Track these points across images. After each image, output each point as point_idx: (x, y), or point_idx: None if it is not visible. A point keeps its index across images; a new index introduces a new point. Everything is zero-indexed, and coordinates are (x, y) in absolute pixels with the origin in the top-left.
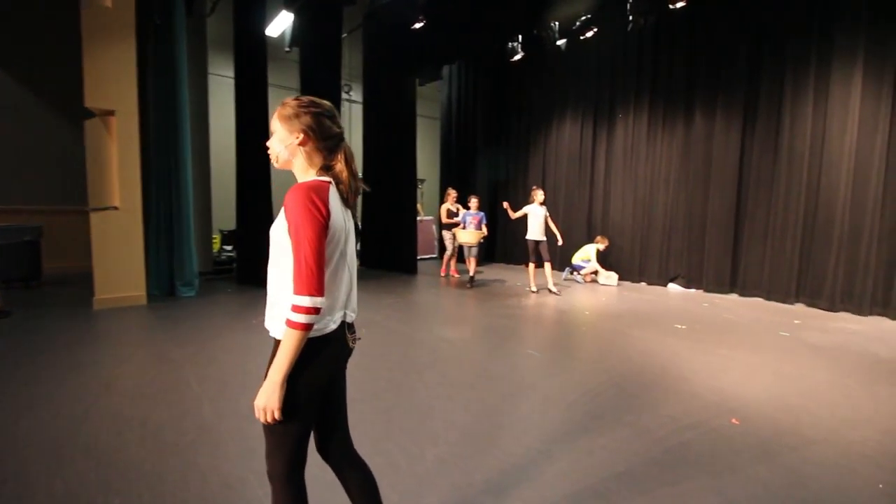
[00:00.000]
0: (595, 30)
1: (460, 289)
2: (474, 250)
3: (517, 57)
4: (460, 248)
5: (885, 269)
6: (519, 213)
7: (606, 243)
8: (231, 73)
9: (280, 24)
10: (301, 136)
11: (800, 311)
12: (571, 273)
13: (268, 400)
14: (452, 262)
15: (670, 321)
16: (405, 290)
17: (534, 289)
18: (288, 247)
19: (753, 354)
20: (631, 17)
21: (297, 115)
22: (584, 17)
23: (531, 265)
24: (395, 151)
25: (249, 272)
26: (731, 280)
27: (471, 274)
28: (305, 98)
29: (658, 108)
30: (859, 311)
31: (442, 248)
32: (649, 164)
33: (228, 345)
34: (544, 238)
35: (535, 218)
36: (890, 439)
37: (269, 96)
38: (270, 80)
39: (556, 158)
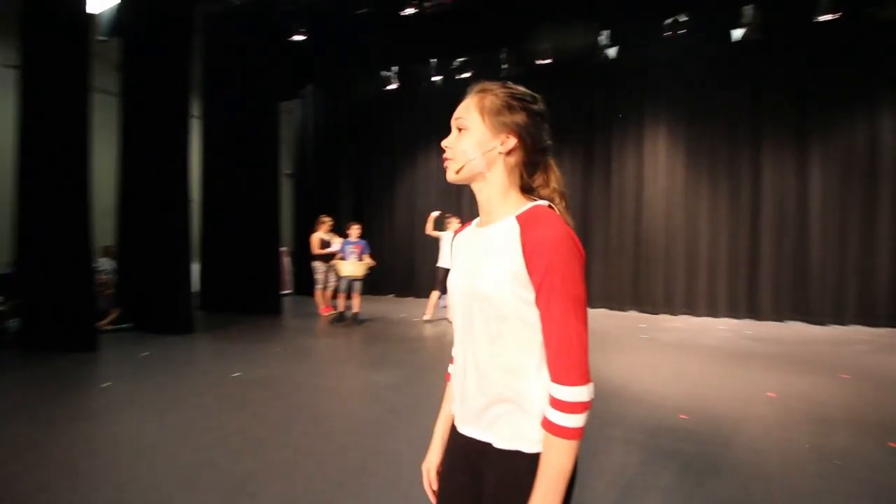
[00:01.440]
0: (471, 73)
1: (348, 327)
2: (358, 284)
3: (391, 87)
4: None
5: (687, 279)
6: (434, 233)
7: None
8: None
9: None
10: (512, 140)
11: (635, 316)
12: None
13: None
14: (328, 298)
15: None
16: (284, 336)
17: (428, 317)
18: (525, 312)
19: (651, 356)
20: (506, 67)
21: (508, 109)
22: (461, 59)
23: (435, 293)
24: (251, 174)
25: (45, 333)
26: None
27: (354, 310)
28: (520, 87)
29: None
30: (672, 312)
31: (300, 283)
32: None
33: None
34: None
35: (449, 245)
36: (803, 404)
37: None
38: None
39: (426, 190)
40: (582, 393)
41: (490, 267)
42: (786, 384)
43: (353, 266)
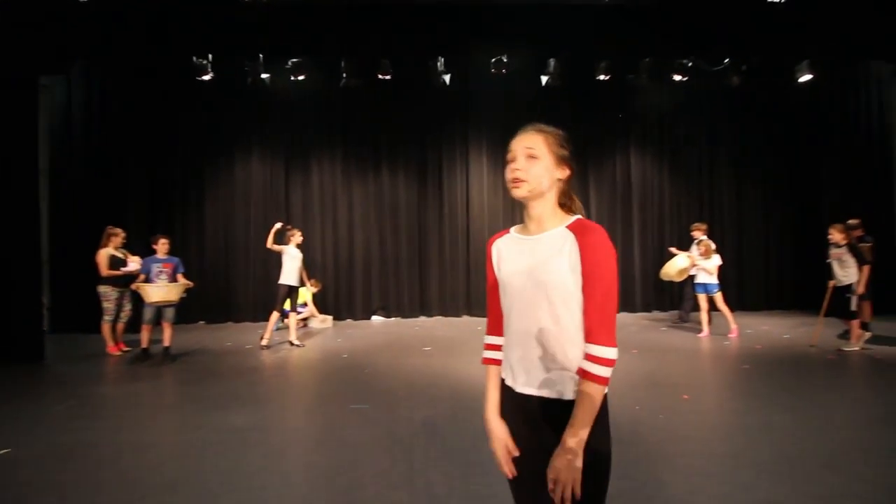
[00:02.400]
0: (303, 77)
1: (157, 366)
2: (170, 312)
3: (207, 77)
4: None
5: None
6: (276, 247)
7: (319, 286)
8: None
9: None
10: (566, 170)
11: (470, 321)
12: (283, 319)
13: (571, 470)
14: (120, 332)
15: (416, 346)
16: (64, 389)
17: (266, 343)
18: (577, 297)
19: None
20: (345, 75)
21: (564, 147)
22: (296, 60)
23: (275, 315)
24: None
25: None
26: (420, 305)
27: (166, 343)
28: (560, 130)
29: (350, 159)
30: None
31: (60, 317)
32: (345, 208)
33: None
34: (297, 285)
35: (293, 261)
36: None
37: None
38: None
39: (245, 196)
40: (614, 352)
41: (557, 263)
42: None
43: (165, 289)
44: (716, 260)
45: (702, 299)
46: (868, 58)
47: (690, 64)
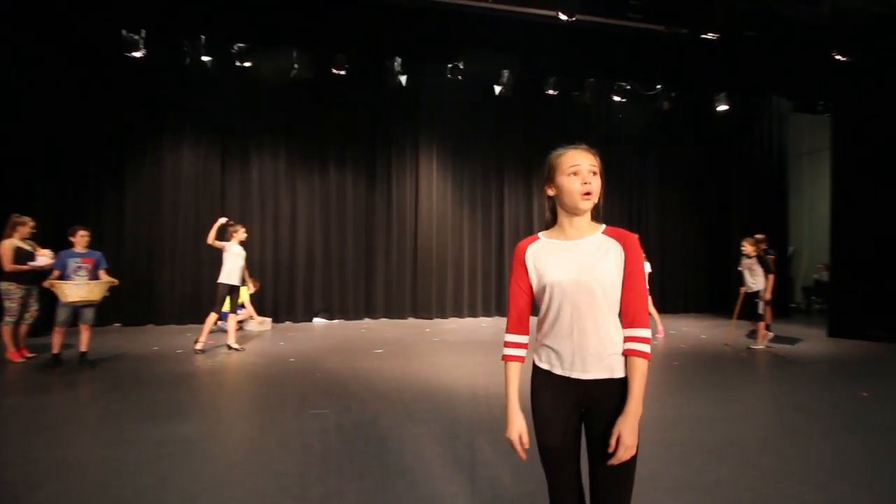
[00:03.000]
0: (249, 64)
1: (73, 374)
2: (89, 313)
3: (138, 53)
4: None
5: (454, 287)
6: (218, 244)
7: (257, 286)
8: None
9: None
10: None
11: (416, 323)
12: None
13: (634, 433)
14: (23, 336)
15: (367, 348)
16: None
17: (201, 347)
18: (618, 287)
19: (451, 356)
20: (296, 67)
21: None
22: (242, 45)
23: (213, 316)
24: None
25: None
26: (365, 307)
27: (83, 348)
28: None
29: (295, 154)
30: (444, 316)
31: None
32: (288, 205)
33: None
34: (239, 284)
35: (235, 259)
36: None
37: None
38: None
39: (174, 186)
40: (648, 332)
41: (606, 264)
42: None
43: (86, 287)
44: (647, 268)
45: None
46: (773, 94)
47: (628, 87)
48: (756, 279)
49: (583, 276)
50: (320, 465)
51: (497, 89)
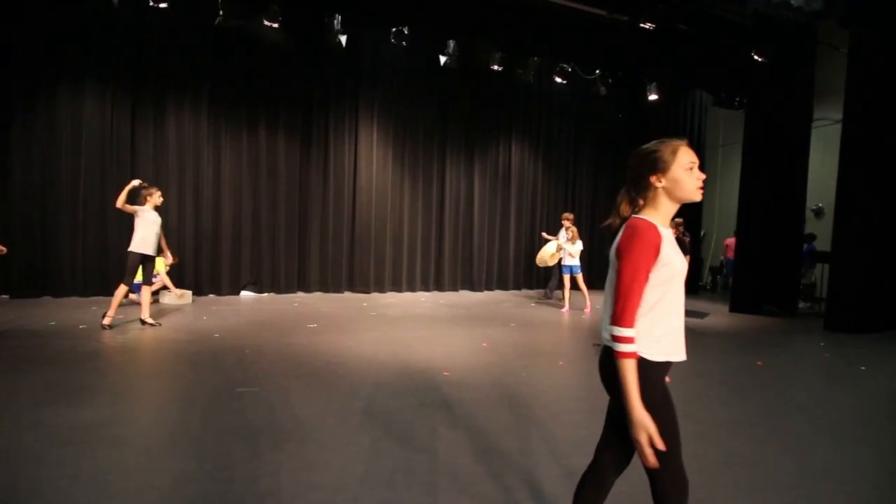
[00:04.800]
0: (165, 5)
1: None
2: None
3: None
4: None
5: (393, 261)
6: (130, 208)
7: (176, 259)
8: None
9: None
10: None
11: (353, 297)
12: (128, 295)
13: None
14: None
15: (300, 323)
16: None
17: (108, 322)
18: None
19: (389, 330)
20: (222, 13)
21: None
22: None
23: (122, 288)
24: None
25: None
26: (298, 280)
27: None
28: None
29: (220, 111)
30: (382, 290)
31: None
32: (212, 168)
33: None
34: (154, 254)
35: (150, 226)
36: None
37: None
38: None
39: (74, 141)
40: None
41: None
42: (487, 335)
43: None
44: (579, 245)
45: (566, 279)
46: (697, 88)
47: (570, 69)
48: None
49: (685, 265)
50: (247, 446)
51: (442, 59)
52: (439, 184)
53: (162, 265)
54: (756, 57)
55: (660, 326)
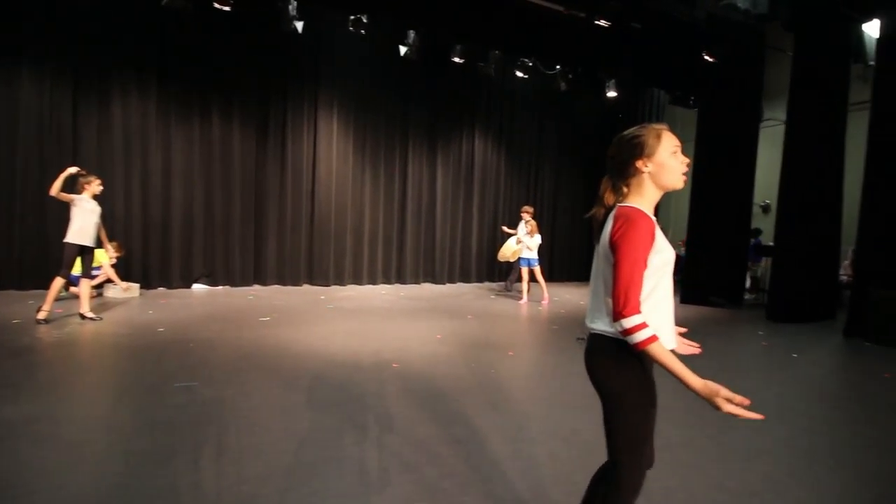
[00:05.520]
0: None
1: None
2: None
3: None
4: None
5: (353, 253)
6: (65, 196)
7: (120, 251)
8: None
9: None
10: None
11: (312, 290)
12: (67, 288)
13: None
14: None
15: (252, 316)
16: None
17: (44, 316)
18: None
19: (345, 323)
20: None
21: None
22: None
23: (59, 281)
24: None
25: None
26: (254, 273)
27: None
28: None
29: (169, 96)
30: (342, 283)
31: None
32: (160, 156)
33: None
34: (93, 245)
35: (88, 215)
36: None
37: None
38: None
39: (9, 126)
40: None
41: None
42: (442, 327)
43: None
44: (538, 239)
45: (524, 271)
46: (653, 86)
47: (531, 64)
48: None
49: (674, 253)
50: (181, 442)
51: (403, 50)
52: (401, 176)
53: (105, 257)
54: (707, 58)
55: (656, 314)
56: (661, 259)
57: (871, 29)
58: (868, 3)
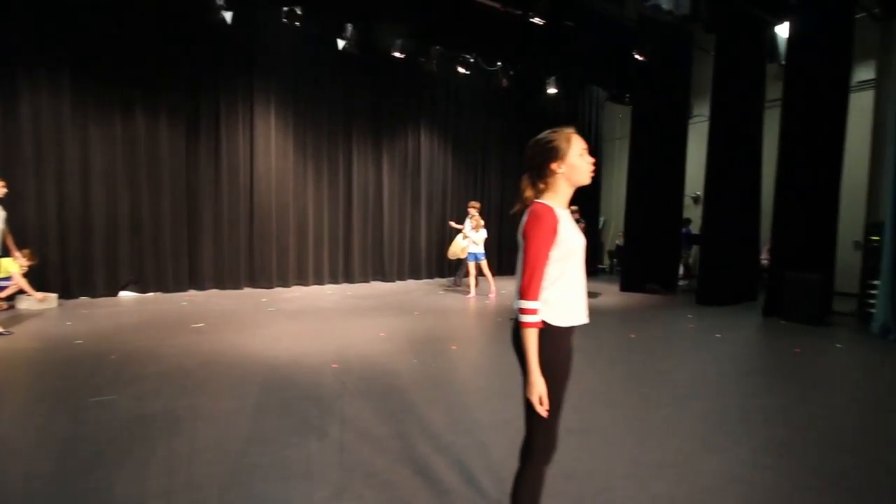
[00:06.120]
0: None
1: None
2: None
3: None
4: None
5: (298, 253)
6: None
7: (33, 259)
8: None
9: None
10: None
11: (253, 292)
12: None
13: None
14: None
15: (184, 323)
16: None
17: None
18: None
19: (286, 325)
20: None
21: None
22: None
23: None
24: None
25: None
26: (190, 277)
27: None
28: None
29: (87, 90)
30: (286, 284)
31: None
32: (78, 157)
33: None
34: None
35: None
36: (368, 351)
37: None
38: None
39: None
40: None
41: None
42: (387, 325)
43: None
44: (483, 233)
45: (471, 266)
46: (590, 84)
47: (472, 60)
48: None
49: (584, 240)
50: (91, 461)
51: (341, 44)
52: (346, 172)
53: (15, 266)
54: (638, 57)
55: (563, 296)
56: (565, 248)
57: (783, 31)
58: (778, 6)
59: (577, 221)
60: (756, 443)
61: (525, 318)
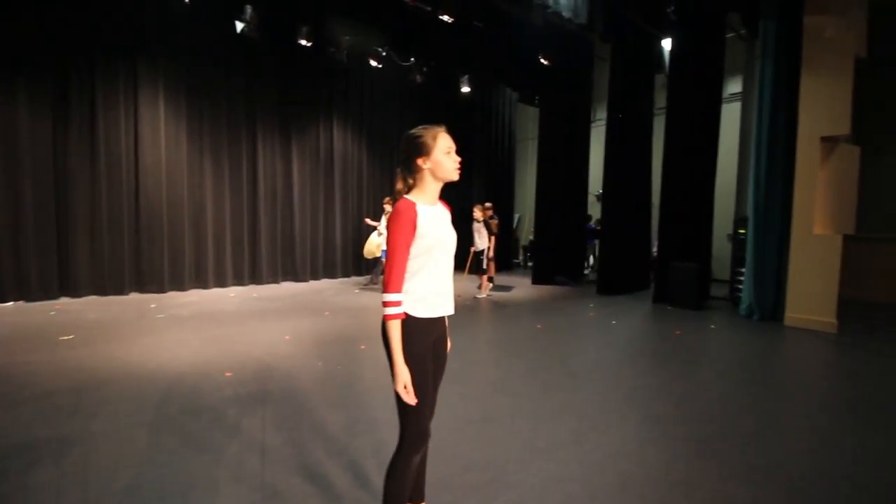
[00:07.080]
0: None
1: None
2: None
3: None
4: None
5: (195, 254)
6: None
7: None
8: None
9: None
10: None
11: (141, 298)
12: None
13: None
14: None
15: (50, 335)
16: None
17: None
18: None
19: (175, 333)
20: None
21: None
22: None
23: None
24: None
25: None
26: (61, 283)
27: None
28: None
29: None
30: (182, 288)
31: None
32: None
33: None
34: None
35: None
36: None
37: None
38: None
39: None
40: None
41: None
42: (294, 327)
43: None
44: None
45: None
46: (500, 84)
47: (384, 53)
48: (482, 239)
49: (452, 235)
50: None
51: (239, 26)
52: (251, 165)
53: None
54: (543, 61)
55: (424, 288)
56: (426, 243)
57: (667, 44)
58: (662, 20)
59: (491, 218)
60: (638, 419)
61: (387, 311)
